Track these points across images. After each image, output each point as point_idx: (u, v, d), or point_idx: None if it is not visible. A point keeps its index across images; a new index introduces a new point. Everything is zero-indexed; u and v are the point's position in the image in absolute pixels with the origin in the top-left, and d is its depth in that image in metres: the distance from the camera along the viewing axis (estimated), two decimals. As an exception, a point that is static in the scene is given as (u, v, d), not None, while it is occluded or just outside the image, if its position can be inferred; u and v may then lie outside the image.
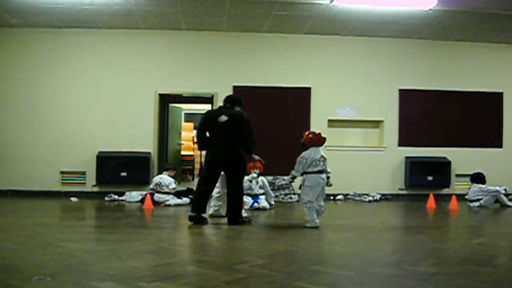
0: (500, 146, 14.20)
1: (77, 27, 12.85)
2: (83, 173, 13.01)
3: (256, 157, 8.97)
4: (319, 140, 8.72)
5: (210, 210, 9.62)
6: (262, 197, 11.26)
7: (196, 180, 18.82)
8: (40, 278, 4.88)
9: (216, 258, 6.41)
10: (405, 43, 13.84)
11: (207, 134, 8.88)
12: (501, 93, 14.19)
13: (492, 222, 10.55)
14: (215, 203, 9.71)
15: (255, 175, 11.32)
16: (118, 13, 11.76)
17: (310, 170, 8.46)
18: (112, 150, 12.90)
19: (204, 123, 8.87)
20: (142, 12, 11.69)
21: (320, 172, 8.46)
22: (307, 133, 8.83)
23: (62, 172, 12.97)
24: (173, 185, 12.06)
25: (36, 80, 12.98)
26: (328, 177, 8.61)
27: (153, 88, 13.17)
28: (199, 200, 8.76)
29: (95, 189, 13.01)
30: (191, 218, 8.64)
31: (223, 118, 8.64)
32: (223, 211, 9.29)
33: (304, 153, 8.63)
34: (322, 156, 8.55)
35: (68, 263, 5.61)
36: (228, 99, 9.03)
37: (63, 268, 5.35)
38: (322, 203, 8.58)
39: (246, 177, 11.17)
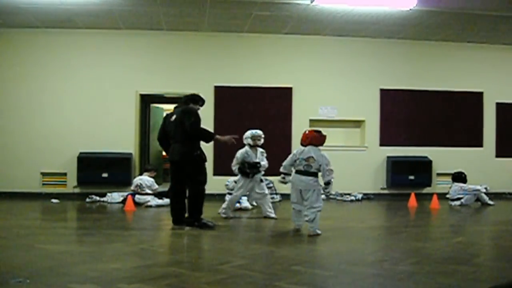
0: (481, 145, 14.29)
1: (57, 27, 12.74)
2: (64, 174, 12.90)
3: (223, 138, 8.60)
4: (313, 139, 8.16)
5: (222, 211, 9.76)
6: (244, 198, 11.22)
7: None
8: (19, 280, 4.85)
9: (197, 259, 6.41)
10: (385, 43, 13.89)
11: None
12: (481, 93, 14.27)
13: (473, 221, 10.62)
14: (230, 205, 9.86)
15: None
16: (98, 13, 11.68)
17: (295, 168, 8.16)
18: (93, 151, 12.80)
19: (162, 125, 8.84)
20: (122, 12, 11.63)
21: (301, 172, 8.01)
22: (306, 131, 8.41)
23: (42, 174, 12.86)
24: (156, 186, 12.03)
25: (15, 80, 12.85)
26: (327, 183, 7.96)
27: (134, 89, 13.10)
28: (171, 206, 8.60)
29: (76, 190, 12.91)
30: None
31: (173, 117, 8.49)
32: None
33: (296, 149, 8.37)
34: (312, 158, 7.96)
35: (48, 265, 5.59)
36: (182, 99, 8.82)
37: (42, 270, 5.32)
38: (310, 211, 7.88)
39: (232, 178, 11.19)
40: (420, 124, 14.00)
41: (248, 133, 10.02)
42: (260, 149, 9.99)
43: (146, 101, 14.26)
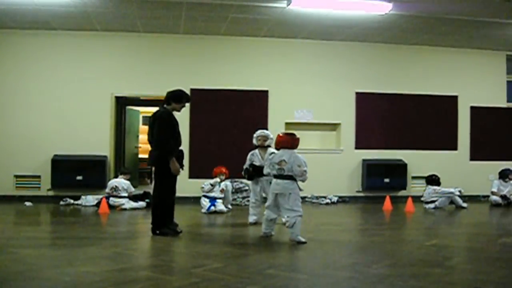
0: (455, 148, 14.41)
1: (32, 28, 12.60)
2: (38, 177, 12.75)
3: (173, 165, 7.85)
4: (283, 142, 7.97)
5: (250, 219, 9.51)
6: (220, 200, 11.23)
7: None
8: (-12, 285, 4.80)
9: (171, 262, 6.38)
10: (361, 47, 13.95)
11: None
12: (456, 97, 14.39)
13: (446, 224, 10.71)
14: (253, 211, 9.58)
15: (218, 180, 11.28)
16: (74, 15, 11.57)
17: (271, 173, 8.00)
18: (68, 153, 12.66)
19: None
20: (98, 14, 11.55)
21: (276, 176, 7.82)
22: (278, 134, 8.22)
23: (16, 176, 12.70)
24: (132, 189, 12.00)
25: (-11, 82, 12.75)
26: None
27: (110, 91, 13.00)
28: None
29: (50, 193, 12.76)
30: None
31: (151, 120, 8.16)
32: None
33: (271, 154, 8.31)
34: (283, 161, 7.75)
35: (19, 269, 5.53)
36: (166, 95, 8.30)
37: (13, 275, 5.27)
38: (290, 215, 7.70)
39: (210, 181, 11.18)
40: (396, 128, 14.07)
41: (256, 133, 9.79)
42: (270, 150, 9.40)
43: (122, 103, 14.18)
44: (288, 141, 7.99)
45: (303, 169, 7.73)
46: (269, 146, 9.57)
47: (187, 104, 8.70)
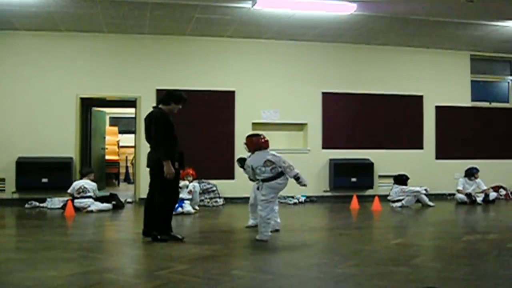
0: (421, 147, 14.55)
1: (-6, 29, 12.47)
2: (2, 179, 12.53)
3: (168, 168, 7.47)
4: (264, 143, 8.12)
5: (249, 222, 9.16)
6: (187, 202, 11.19)
7: (121, 185, 18.59)
8: None
9: (136, 265, 6.34)
10: (327, 47, 14.00)
11: None
12: (421, 96, 14.54)
13: (413, 222, 10.79)
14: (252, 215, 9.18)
15: (187, 183, 11.25)
16: (36, 15, 11.42)
17: (260, 178, 7.87)
18: (32, 155, 12.47)
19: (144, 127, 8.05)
20: (61, 14, 11.40)
21: (273, 178, 7.79)
22: (251, 138, 8.24)
23: (-21, 179, 12.55)
24: (97, 191, 11.88)
25: (-49, 84, 12.52)
26: (297, 178, 7.89)
27: (74, 92, 12.84)
28: (144, 215, 7.93)
29: (15, 196, 12.55)
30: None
31: (147, 120, 7.84)
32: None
33: (247, 161, 8.15)
34: (269, 161, 7.82)
35: (-20, 274, 5.44)
36: (163, 95, 8.05)
37: (-26, 280, 5.18)
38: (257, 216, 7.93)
39: (183, 183, 11.10)
40: (362, 127, 14.17)
41: None
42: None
43: (87, 104, 14.04)
44: (266, 142, 8.12)
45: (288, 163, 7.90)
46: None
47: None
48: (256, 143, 8.13)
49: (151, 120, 7.65)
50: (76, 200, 11.46)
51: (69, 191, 11.75)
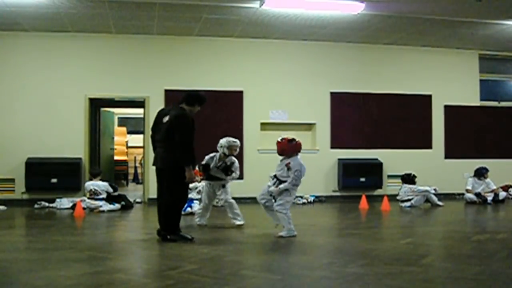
0: (430, 147, 14.53)
1: (3, 29, 12.45)
2: (12, 180, 12.60)
3: (189, 173, 7.42)
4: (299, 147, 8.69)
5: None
6: (196, 201, 11.18)
7: (130, 186, 18.65)
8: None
9: (145, 265, 6.34)
10: (335, 47, 13.99)
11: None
12: (430, 96, 14.51)
13: (422, 222, 10.76)
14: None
15: (196, 183, 11.22)
16: (45, 16, 11.47)
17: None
18: (42, 156, 12.53)
19: (153, 123, 7.88)
20: (70, 15, 11.44)
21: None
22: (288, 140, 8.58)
23: (-11, 180, 12.60)
24: (111, 189, 11.85)
25: (-40, 85, 12.57)
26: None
27: (83, 92, 12.88)
28: (158, 216, 7.82)
29: (25, 196, 12.62)
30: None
31: (165, 118, 7.54)
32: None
33: (297, 164, 8.51)
34: (285, 165, 8.44)
35: (-9, 274, 5.46)
36: (184, 95, 7.85)
37: (-15, 280, 5.20)
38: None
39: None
40: (371, 127, 14.15)
41: (224, 141, 9.27)
42: (233, 158, 9.30)
43: (96, 105, 14.08)
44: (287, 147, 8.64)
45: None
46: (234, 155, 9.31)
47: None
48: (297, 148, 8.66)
49: (176, 122, 7.44)
50: (87, 201, 11.51)
51: (87, 195, 11.83)
